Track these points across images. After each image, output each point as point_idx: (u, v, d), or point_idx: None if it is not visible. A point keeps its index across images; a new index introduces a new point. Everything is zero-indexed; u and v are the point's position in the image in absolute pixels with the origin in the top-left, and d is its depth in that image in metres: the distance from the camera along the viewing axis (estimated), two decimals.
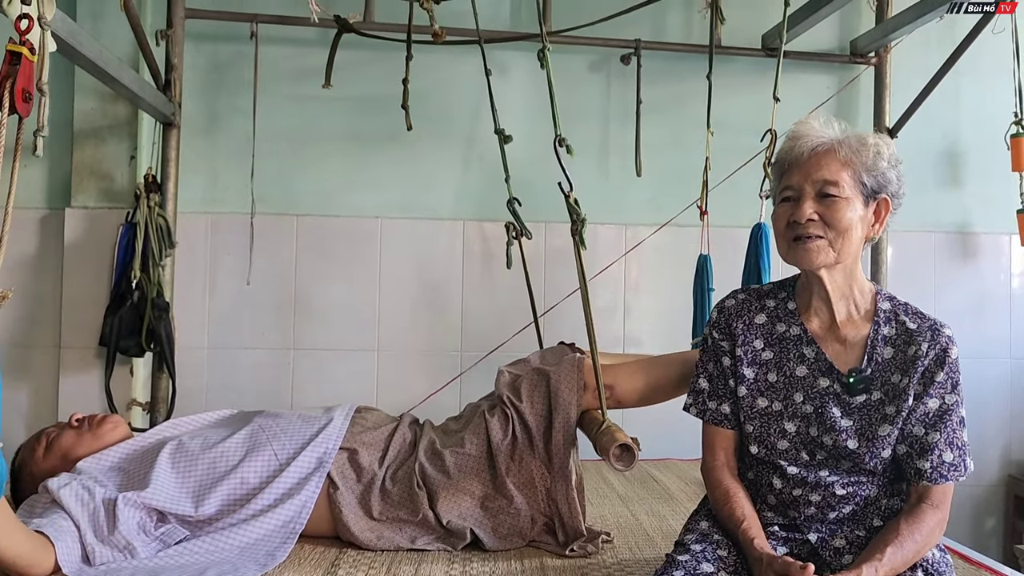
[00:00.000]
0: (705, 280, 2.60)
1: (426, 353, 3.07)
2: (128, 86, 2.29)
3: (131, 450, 1.89)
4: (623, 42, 2.99)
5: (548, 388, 1.93)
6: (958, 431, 1.44)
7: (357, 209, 3.05)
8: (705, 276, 2.61)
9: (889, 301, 1.52)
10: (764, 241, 2.46)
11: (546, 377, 1.95)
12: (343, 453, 1.92)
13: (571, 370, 1.94)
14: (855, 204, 1.45)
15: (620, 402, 1.99)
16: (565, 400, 1.90)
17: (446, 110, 3.06)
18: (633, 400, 2.00)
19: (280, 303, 3.01)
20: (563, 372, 1.94)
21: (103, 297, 2.80)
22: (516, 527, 1.85)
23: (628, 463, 1.66)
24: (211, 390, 2.97)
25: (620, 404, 1.99)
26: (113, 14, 2.79)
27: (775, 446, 1.51)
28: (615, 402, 1.97)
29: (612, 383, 1.96)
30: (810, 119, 1.52)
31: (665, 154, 3.10)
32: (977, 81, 3.25)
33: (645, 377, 2.00)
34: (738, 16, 3.00)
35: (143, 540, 1.65)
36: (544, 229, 2.99)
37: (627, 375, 2.00)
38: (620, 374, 1.99)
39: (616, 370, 2.00)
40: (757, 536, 1.44)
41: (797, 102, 2.93)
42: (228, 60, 3.00)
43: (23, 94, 1.38)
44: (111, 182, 2.89)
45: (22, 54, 1.38)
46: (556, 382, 1.92)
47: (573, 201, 1.78)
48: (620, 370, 2.01)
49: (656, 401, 2.03)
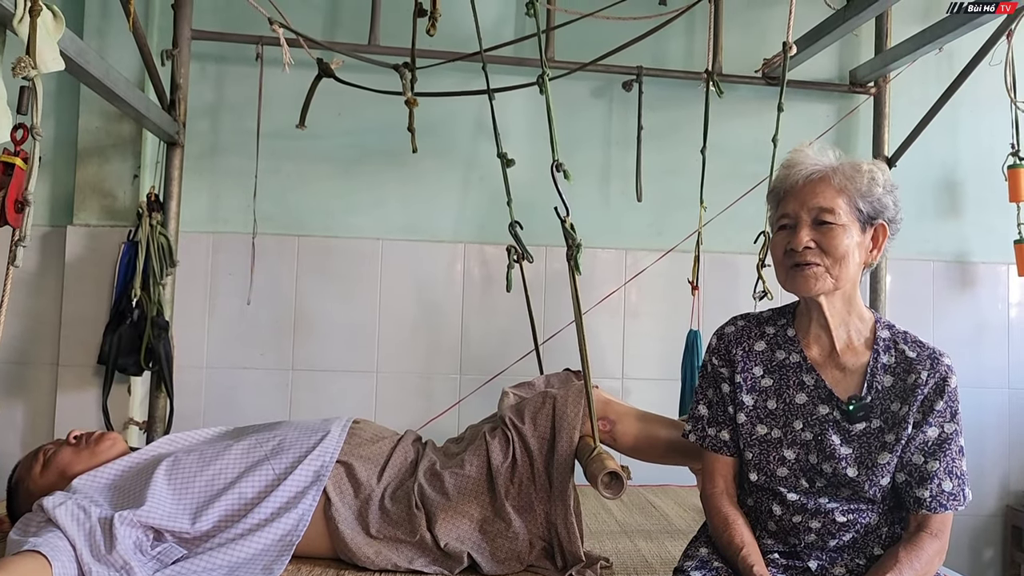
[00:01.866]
0: (694, 357, 2.62)
1: (425, 376, 3.06)
2: (133, 105, 2.30)
3: (126, 467, 1.88)
4: (625, 68, 3.01)
5: (553, 411, 1.93)
6: (957, 460, 1.44)
7: (358, 230, 3.06)
8: (694, 353, 2.63)
9: (888, 329, 1.52)
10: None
11: (552, 400, 1.95)
12: (340, 467, 1.92)
13: (577, 396, 1.95)
14: (851, 230, 1.46)
15: (615, 440, 2.00)
16: (570, 424, 1.90)
17: (448, 133, 3.08)
18: (628, 444, 2.01)
19: (280, 323, 3.01)
20: (570, 396, 1.95)
21: (103, 315, 2.80)
22: (514, 551, 1.85)
23: (616, 491, 1.66)
24: (209, 410, 2.96)
25: (615, 443, 2.01)
26: (120, 33, 2.81)
27: (774, 473, 1.50)
28: (611, 439, 1.99)
29: (615, 420, 1.99)
30: (805, 147, 1.53)
31: (665, 179, 3.12)
32: (975, 112, 3.28)
33: (644, 427, 2.01)
34: (738, 43, 3.03)
35: (140, 560, 1.64)
36: (545, 253, 3.00)
37: (629, 419, 2.01)
38: (623, 416, 2.02)
39: (620, 410, 2.03)
40: (756, 563, 1.43)
41: (797, 131, 2.95)
42: (233, 81, 3.02)
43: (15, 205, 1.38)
44: (114, 200, 2.90)
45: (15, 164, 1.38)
46: (562, 405, 1.93)
47: (569, 226, 1.79)
48: (624, 412, 2.03)
49: (647, 456, 2.04)
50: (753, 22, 3.19)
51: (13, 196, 1.37)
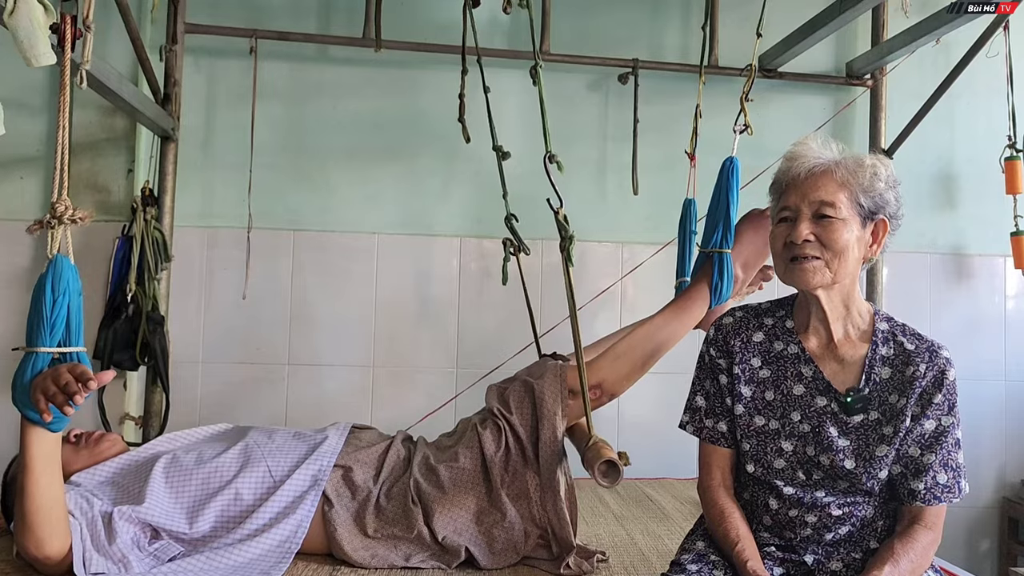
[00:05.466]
0: (689, 223, 2.59)
1: (422, 369, 3.06)
2: (128, 100, 2.29)
3: (125, 464, 1.89)
4: (621, 61, 3.00)
5: (533, 399, 1.93)
6: (953, 453, 1.44)
7: (354, 225, 3.05)
8: (689, 219, 2.60)
9: (887, 322, 1.52)
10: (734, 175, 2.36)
11: (531, 388, 1.95)
12: (338, 471, 1.91)
13: (553, 380, 1.94)
14: (852, 225, 1.45)
15: (613, 395, 1.99)
16: (549, 410, 1.90)
17: (444, 126, 3.06)
18: (624, 388, 2.01)
19: (276, 318, 3.00)
20: (547, 382, 1.94)
21: (98, 310, 2.78)
22: (510, 541, 1.84)
23: (613, 480, 1.65)
24: (205, 405, 2.95)
25: (614, 396, 2.00)
26: (114, 28, 2.79)
27: (772, 465, 1.50)
28: (609, 396, 1.97)
29: (600, 379, 1.97)
30: (808, 140, 1.52)
31: (662, 172, 3.11)
32: (971, 104, 3.28)
33: (628, 363, 2.01)
34: (734, 36, 3.02)
35: (137, 555, 1.65)
36: (541, 246, 2.99)
37: (610, 367, 2.00)
38: (604, 368, 2.00)
39: (599, 365, 2.00)
40: (751, 558, 1.43)
41: (793, 123, 2.96)
42: (227, 75, 3.01)
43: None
44: (108, 195, 2.89)
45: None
46: (540, 392, 1.93)
47: (562, 217, 1.78)
48: (602, 364, 2.01)
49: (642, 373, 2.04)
50: (749, 15, 3.16)
51: None
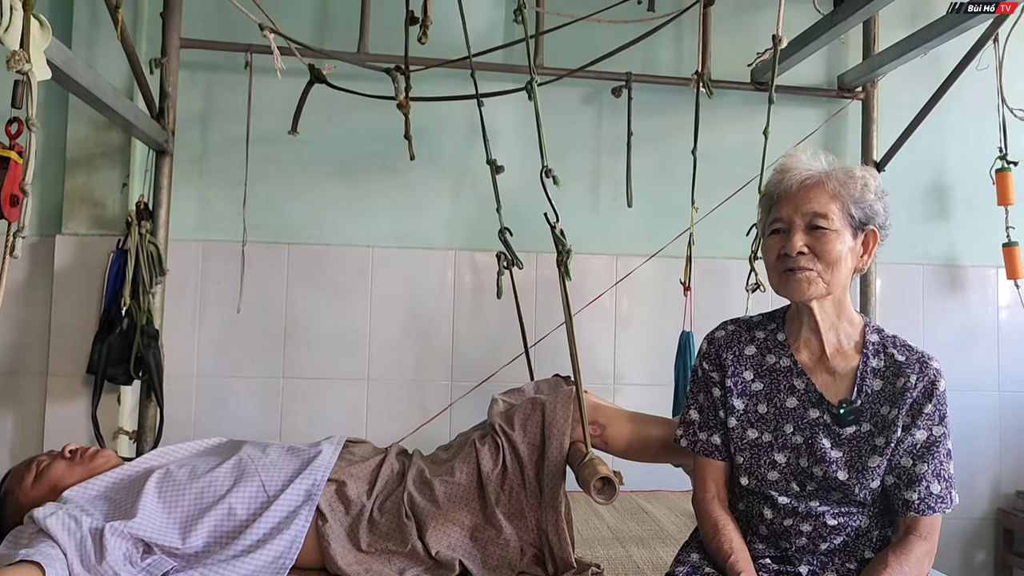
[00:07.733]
0: (687, 358, 2.62)
1: (416, 383, 3.06)
2: (122, 114, 2.29)
3: (118, 479, 1.88)
4: (614, 75, 3.02)
5: (543, 417, 1.93)
6: (945, 463, 1.45)
7: (348, 238, 3.06)
8: (687, 353, 2.63)
9: (877, 333, 1.53)
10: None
11: (541, 406, 1.95)
12: (331, 485, 1.90)
13: (566, 401, 1.95)
14: (844, 236, 1.46)
15: (607, 444, 2.01)
16: (559, 430, 1.90)
17: (438, 140, 3.08)
18: (620, 446, 2.02)
19: (270, 332, 3.00)
20: (559, 402, 1.95)
21: (92, 324, 2.78)
22: (505, 558, 1.84)
23: (609, 496, 1.66)
24: (199, 419, 2.94)
25: (607, 446, 2.01)
26: (108, 42, 2.80)
27: (765, 477, 1.50)
28: (603, 443, 2.00)
29: (605, 423, 1.99)
30: (798, 152, 1.54)
31: (655, 185, 3.12)
32: (962, 116, 3.30)
33: (636, 428, 2.02)
34: (727, 49, 3.04)
35: (130, 571, 1.63)
36: (535, 259, 3.01)
37: (620, 421, 2.02)
38: (614, 418, 2.02)
39: (610, 413, 2.03)
40: (744, 570, 1.43)
41: (785, 136, 2.95)
42: (222, 89, 3.02)
43: (11, 199, 1.37)
44: (103, 209, 2.89)
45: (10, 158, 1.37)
46: (551, 411, 1.93)
47: (559, 232, 1.79)
48: (614, 415, 2.04)
49: (641, 456, 2.04)
50: (741, 28, 3.20)
51: (8, 190, 1.36)
